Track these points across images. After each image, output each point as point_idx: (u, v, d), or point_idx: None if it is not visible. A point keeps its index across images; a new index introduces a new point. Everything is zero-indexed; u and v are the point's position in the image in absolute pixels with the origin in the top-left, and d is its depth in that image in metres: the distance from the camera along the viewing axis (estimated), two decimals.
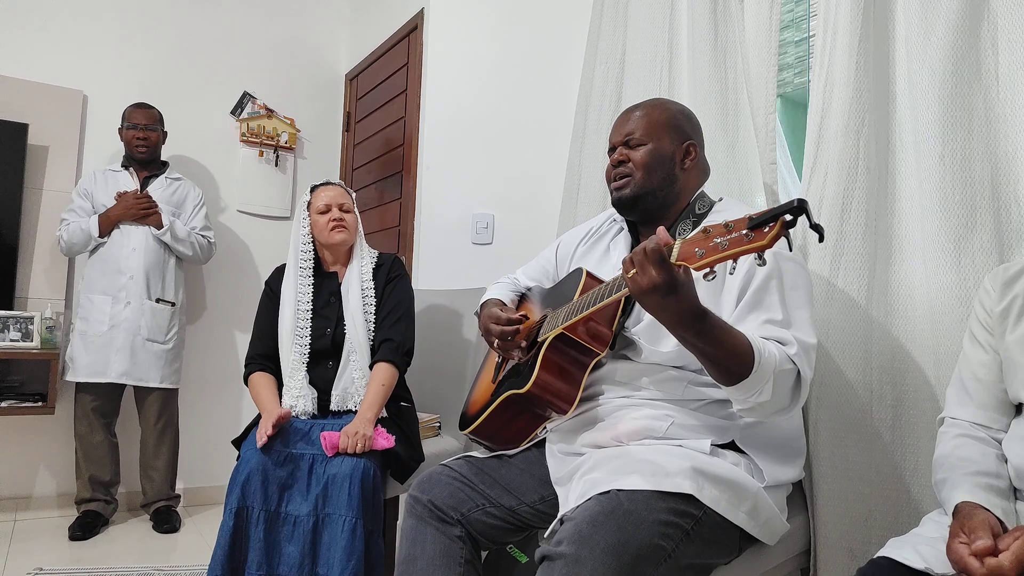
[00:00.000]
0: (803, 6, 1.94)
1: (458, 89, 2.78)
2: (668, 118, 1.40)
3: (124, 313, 2.75)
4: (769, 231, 0.89)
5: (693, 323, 1.06)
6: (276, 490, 1.76)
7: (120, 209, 2.77)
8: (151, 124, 2.91)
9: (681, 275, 1.00)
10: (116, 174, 2.92)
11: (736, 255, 0.92)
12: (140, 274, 2.78)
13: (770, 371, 1.10)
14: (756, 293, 1.21)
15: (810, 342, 1.19)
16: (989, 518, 0.95)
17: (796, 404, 1.17)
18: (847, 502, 1.43)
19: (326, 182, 2.13)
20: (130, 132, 2.89)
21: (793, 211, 0.87)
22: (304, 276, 2.05)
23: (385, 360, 1.97)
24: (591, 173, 2.23)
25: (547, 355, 1.30)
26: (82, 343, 2.74)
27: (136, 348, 2.76)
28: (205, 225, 3.01)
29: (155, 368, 2.80)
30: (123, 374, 2.73)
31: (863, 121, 1.49)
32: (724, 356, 1.09)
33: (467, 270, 2.66)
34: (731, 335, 1.09)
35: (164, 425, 2.89)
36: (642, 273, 1.01)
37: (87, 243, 2.79)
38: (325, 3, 3.74)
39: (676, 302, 1.02)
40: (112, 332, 2.73)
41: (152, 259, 2.82)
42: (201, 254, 2.97)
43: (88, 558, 2.48)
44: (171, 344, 2.87)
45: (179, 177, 3.02)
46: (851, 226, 1.49)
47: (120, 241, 2.79)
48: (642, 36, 2.12)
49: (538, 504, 1.37)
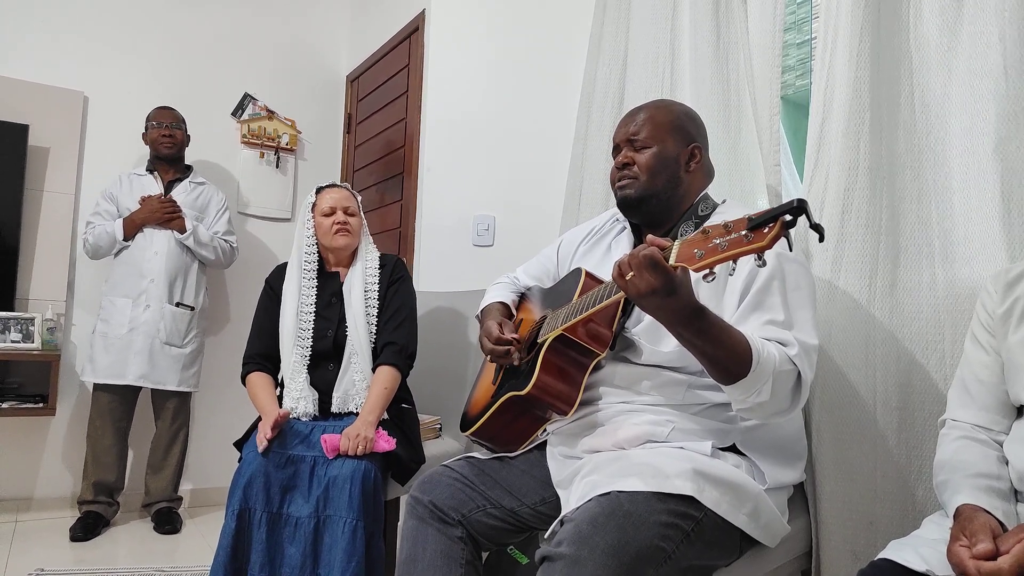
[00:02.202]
0: (805, 8, 1.94)
1: (459, 90, 2.78)
2: (673, 120, 1.39)
3: (144, 316, 2.77)
4: (769, 232, 0.88)
5: (692, 321, 1.06)
6: (278, 492, 1.76)
7: (145, 213, 2.80)
8: (176, 123, 2.95)
9: (679, 276, 1.01)
10: (141, 178, 2.95)
11: (735, 256, 0.91)
12: (162, 278, 2.80)
13: (769, 371, 1.10)
14: (758, 294, 1.20)
15: (811, 343, 1.18)
16: (990, 521, 0.95)
17: (796, 405, 1.17)
18: (850, 505, 1.43)
19: (331, 184, 2.13)
20: (156, 131, 2.92)
21: (793, 211, 0.87)
22: (308, 278, 2.05)
23: (388, 363, 1.97)
24: (593, 174, 2.23)
25: (547, 357, 1.30)
26: (102, 344, 2.77)
27: (154, 351, 2.78)
28: (228, 230, 3.04)
29: (173, 371, 2.82)
30: (141, 377, 2.76)
31: (864, 122, 1.49)
32: (723, 354, 1.09)
33: (468, 272, 2.66)
34: (729, 333, 1.10)
35: (178, 428, 2.92)
36: (639, 277, 1.01)
37: (112, 246, 2.83)
38: (326, 5, 3.74)
39: (675, 302, 1.03)
40: (131, 335, 2.75)
41: (174, 263, 2.85)
42: (223, 258, 3.00)
43: (89, 559, 2.48)
44: (189, 348, 2.88)
45: (203, 181, 3.05)
46: (852, 227, 1.49)
47: (143, 245, 2.82)
48: (644, 37, 2.12)
49: (539, 505, 1.37)
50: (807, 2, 1.93)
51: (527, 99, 2.73)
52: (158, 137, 2.92)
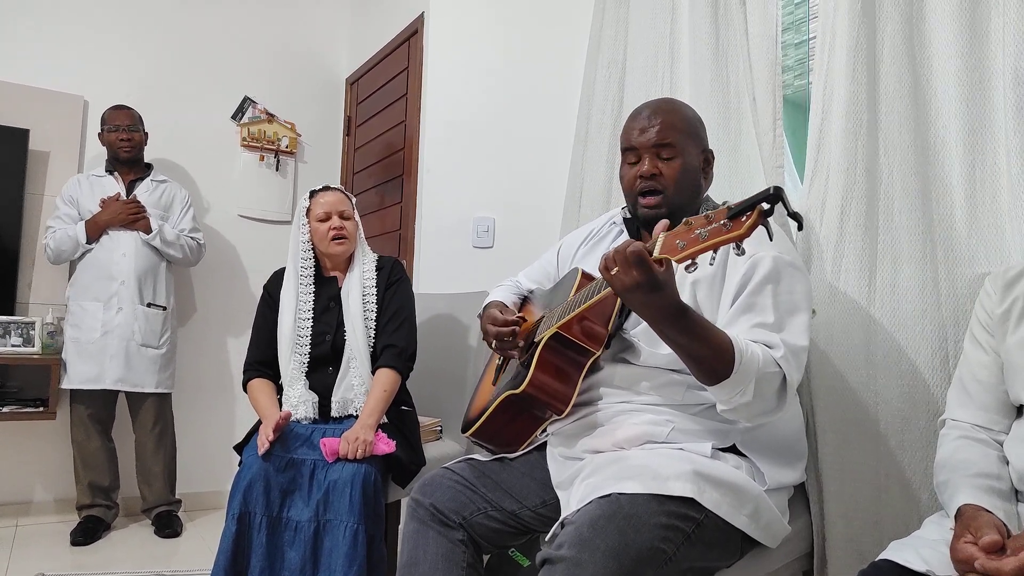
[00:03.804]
0: (803, 8, 1.94)
1: (458, 92, 2.78)
2: (689, 126, 1.37)
3: (117, 319, 2.73)
4: (747, 220, 0.90)
5: (675, 319, 1.07)
6: (278, 495, 1.75)
7: (108, 215, 2.74)
8: (133, 124, 2.88)
9: (662, 273, 1.02)
10: (101, 179, 2.89)
11: (716, 245, 0.93)
12: (132, 279, 2.76)
13: (753, 372, 1.11)
14: (750, 295, 1.21)
15: (799, 345, 1.18)
16: (994, 519, 0.95)
17: (781, 407, 1.18)
18: (855, 505, 1.43)
19: (325, 187, 2.10)
20: (112, 134, 2.85)
21: (769, 199, 0.88)
22: (304, 284, 2.05)
23: (388, 366, 1.96)
24: (594, 176, 2.23)
25: (543, 355, 1.30)
26: (76, 350, 2.72)
27: (131, 354, 2.74)
28: (194, 227, 2.99)
29: (150, 373, 2.79)
30: (119, 380, 2.72)
31: (862, 123, 1.49)
32: (706, 353, 1.10)
33: (468, 274, 2.66)
34: (713, 333, 1.11)
35: (161, 430, 2.88)
36: (625, 272, 1.03)
37: (75, 250, 2.77)
38: (325, 7, 3.74)
39: (659, 299, 1.04)
40: (105, 339, 2.71)
41: (143, 264, 2.80)
42: (191, 256, 2.95)
43: (90, 563, 2.48)
44: (165, 348, 2.86)
45: (164, 179, 3.00)
46: (852, 228, 1.49)
47: (110, 246, 2.77)
48: (643, 40, 2.12)
49: (539, 508, 1.37)
50: (804, 2, 1.93)
51: (526, 101, 2.73)
52: (115, 141, 2.84)
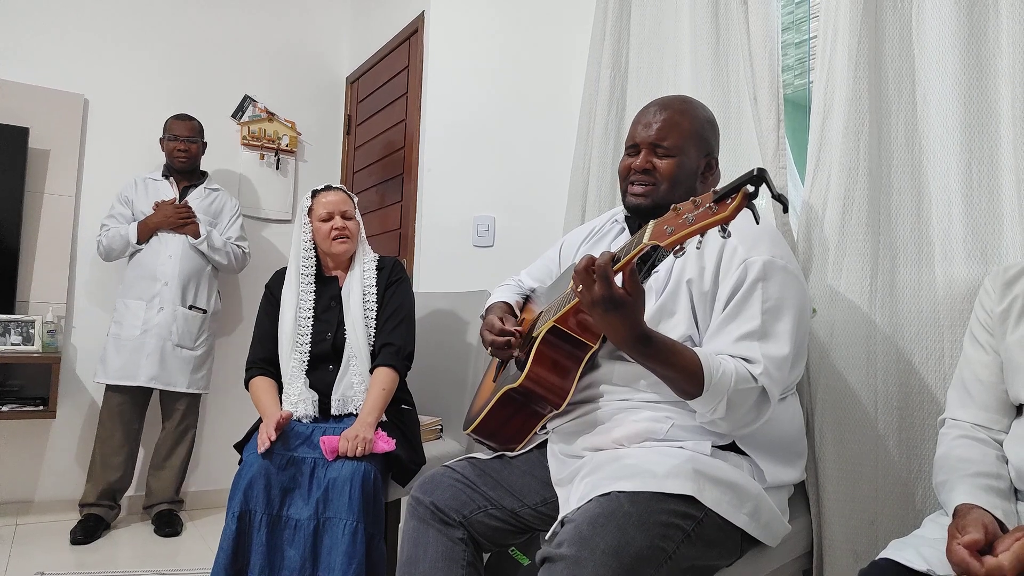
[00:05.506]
0: (803, 7, 1.94)
1: (459, 92, 2.78)
2: (696, 129, 1.37)
3: (157, 319, 2.80)
4: (732, 202, 0.91)
5: (637, 344, 1.09)
6: (278, 494, 1.76)
7: (159, 217, 2.84)
8: (192, 136, 2.98)
9: (622, 294, 1.03)
10: (156, 183, 2.98)
11: (702, 229, 0.94)
12: (175, 281, 2.84)
13: (723, 391, 1.12)
14: (737, 304, 1.20)
15: (781, 355, 1.18)
16: (984, 516, 0.95)
17: (760, 419, 1.18)
18: (852, 504, 1.43)
19: (327, 187, 2.11)
20: (171, 144, 2.96)
21: (753, 181, 0.89)
22: (306, 283, 2.05)
23: (386, 364, 1.97)
24: (599, 176, 2.23)
25: (540, 349, 1.31)
26: (115, 346, 2.80)
27: (166, 353, 2.80)
28: (240, 235, 3.08)
29: (183, 373, 2.84)
30: (152, 378, 2.78)
31: (863, 122, 1.49)
32: (674, 375, 1.13)
33: (468, 273, 2.66)
34: (681, 356, 1.12)
35: (184, 429, 2.94)
36: (586, 287, 1.05)
37: (125, 248, 2.87)
38: (326, 6, 3.74)
39: (619, 320, 1.05)
40: (144, 337, 2.79)
41: (188, 267, 2.88)
42: (235, 263, 3.04)
43: (90, 562, 2.48)
44: (200, 351, 2.91)
45: (217, 188, 3.09)
46: (853, 227, 1.49)
47: (157, 248, 2.85)
48: (644, 39, 2.12)
49: (540, 506, 1.37)
50: (805, 1, 1.93)
51: (526, 100, 2.73)
52: (173, 151, 2.96)
